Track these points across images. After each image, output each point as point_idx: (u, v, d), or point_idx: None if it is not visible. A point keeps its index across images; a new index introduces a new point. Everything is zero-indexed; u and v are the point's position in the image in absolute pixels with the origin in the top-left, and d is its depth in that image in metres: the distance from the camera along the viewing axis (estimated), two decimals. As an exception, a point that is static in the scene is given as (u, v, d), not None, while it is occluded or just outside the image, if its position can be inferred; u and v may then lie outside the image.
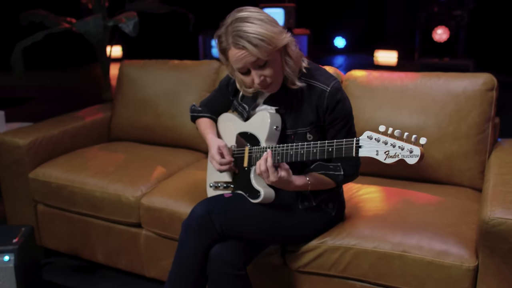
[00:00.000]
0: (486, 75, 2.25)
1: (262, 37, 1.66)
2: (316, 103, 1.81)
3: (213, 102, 2.17)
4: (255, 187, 1.86)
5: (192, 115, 2.20)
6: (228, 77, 2.07)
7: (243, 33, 1.66)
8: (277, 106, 1.88)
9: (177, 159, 2.68)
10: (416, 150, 1.36)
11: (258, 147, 1.85)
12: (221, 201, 1.86)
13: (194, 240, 1.82)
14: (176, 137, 2.85)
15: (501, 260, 1.70)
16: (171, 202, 2.26)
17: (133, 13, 3.01)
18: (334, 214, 1.96)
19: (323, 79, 1.82)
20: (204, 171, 2.47)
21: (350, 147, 1.53)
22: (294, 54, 1.78)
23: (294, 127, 1.86)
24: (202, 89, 2.80)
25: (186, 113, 2.79)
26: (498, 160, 2.12)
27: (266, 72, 1.73)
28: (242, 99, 1.99)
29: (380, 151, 1.43)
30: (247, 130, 1.94)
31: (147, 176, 2.48)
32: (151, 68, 2.97)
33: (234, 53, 1.70)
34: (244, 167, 1.92)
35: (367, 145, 1.46)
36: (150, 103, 2.90)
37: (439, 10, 6.23)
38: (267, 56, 1.69)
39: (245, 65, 1.71)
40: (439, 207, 2.04)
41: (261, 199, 1.83)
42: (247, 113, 1.96)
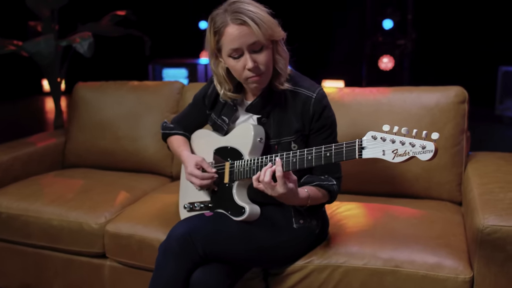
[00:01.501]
0: (457, 88, 2.26)
1: (263, 18, 1.60)
2: (301, 110, 1.73)
3: (186, 118, 2.04)
4: (238, 203, 1.73)
5: (163, 132, 2.06)
6: (204, 90, 1.95)
7: (245, 11, 1.59)
8: (259, 114, 1.78)
9: (141, 184, 2.51)
10: (429, 145, 1.28)
11: (241, 161, 1.74)
12: (202, 220, 1.72)
13: (175, 264, 1.66)
14: (138, 161, 2.68)
15: (498, 269, 1.65)
16: (140, 228, 2.09)
17: (87, 33, 2.86)
18: (318, 231, 1.86)
19: (307, 86, 1.75)
20: (173, 194, 2.33)
21: (352, 149, 1.43)
22: (285, 55, 1.72)
23: (277, 137, 1.76)
24: (165, 110, 2.67)
25: (149, 136, 2.66)
26: (476, 171, 2.11)
27: (261, 58, 1.64)
28: (221, 112, 1.87)
29: (387, 151, 1.34)
30: (226, 144, 1.82)
31: (111, 202, 2.30)
32: (109, 89, 2.81)
33: (233, 30, 1.60)
34: (225, 183, 1.79)
35: (371, 146, 1.38)
36: (109, 126, 2.73)
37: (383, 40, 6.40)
38: (265, 39, 1.61)
39: (242, 45, 1.61)
40: (423, 220, 1.99)
41: (246, 216, 1.71)
42: (227, 125, 1.85)
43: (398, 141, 1.33)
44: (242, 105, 1.84)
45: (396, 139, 1.33)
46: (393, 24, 6.14)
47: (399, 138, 1.33)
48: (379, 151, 1.36)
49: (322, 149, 1.51)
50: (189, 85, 2.70)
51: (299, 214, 1.78)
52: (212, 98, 1.90)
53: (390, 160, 1.34)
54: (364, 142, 1.40)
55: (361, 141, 1.41)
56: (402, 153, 1.31)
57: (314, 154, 1.53)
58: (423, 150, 1.28)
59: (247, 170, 1.71)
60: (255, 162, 1.68)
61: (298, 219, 1.78)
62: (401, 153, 1.31)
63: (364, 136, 1.41)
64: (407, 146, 1.31)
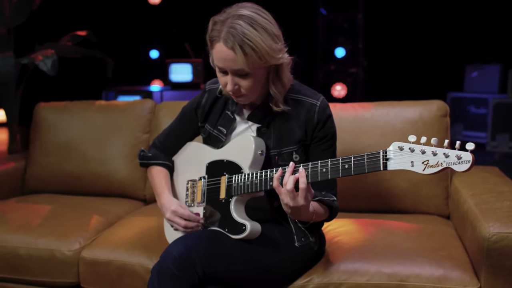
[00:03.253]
0: (439, 102, 2.26)
1: (255, 47, 1.48)
2: (305, 118, 1.65)
3: (173, 136, 1.90)
4: (237, 220, 1.62)
5: (141, 162, 1.91)
6: (197, 100, 1.82)
7: (239, 34, 1.47)
8: (260, 123, 1.69)
9: (114, 208, 2.34)
10: (466, 155, 1.21)
11: (241, 175, 1.63)
12: (200, 238, 1.59)
13: (171, 287, 1.51)
14: (108, 184, 2.51)
15: (506, 279, 1.62)
16: (121, 253, 1.92)
17: (50, 50, 2.70)
18: (316, 248, 1.77)
19: (310, 94, 1.68)
20: (150, 217, 2.19)
21: (375, 161, 1.34)
22: (286, 77, 1.62)
23: (278, 147, 1.67)
24: (137, 130, 2.53)
25: (119, 157, 2.51)
26: (464, 184, 2.09)
27: (244, 83, 1.56)
28: (216, 122, 1.76)
29: (417, 162, 1.27)
30: (222, 157, 1.71)
31: (83, 227, 2.12)
32: (74, 110, 2.64)
33: (221, 49, 1.51)
34: (221, 199, 1.68)
35: (398, 157, 1.30)
36: (75, 148, 2.55)
37: (336, 68, 6.51)
38: (252, 69, 1.52)
39: (226, 68, 1.54)
40: (420, 233, 1.94)
41: (246, 234, 1.59)
42: (225, 136, 1.74)
43: (429, 152, 1.26)
44: (241, 114, 1.74)
45: (427, 150, 1.26)
46: (345, 53, 6.26)
47: (431, 148, 1.26)
48: (406, 163, 1.29)
49: (340, 161, 1.42)
50: (162, 104, 2.58)
51: (300, 231, 1.69)
52: (207, 109, 1.79)
53: (420, 171, 1.27)
54: (389, 153, 1.32)
55: (386, 152, 1.33)
56: (434, 164, 1.24)
57: (330, 167, 1.44)
58: (458, 160, 1.22)
59: (248, 185, 1.60)
60: (258, 176, 1.58)
61: (300, 236, 1.69)
62: (433, 164, 1.24)
63: (388, 147, 1.33)
64: (440, 157, 1.24)
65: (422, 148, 1.27)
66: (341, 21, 6.32)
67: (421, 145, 1.28)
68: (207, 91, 1.80)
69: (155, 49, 6.49)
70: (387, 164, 1.32)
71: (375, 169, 1.34)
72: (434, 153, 1.25)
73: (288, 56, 1.59)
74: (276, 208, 1.72)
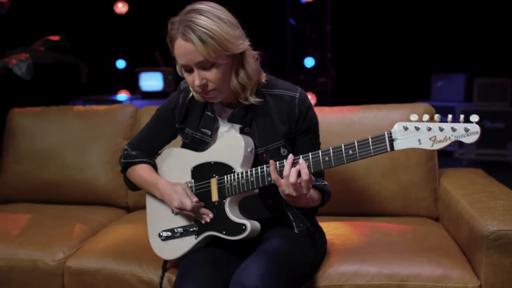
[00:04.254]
0: (425, 104, 2.28)
1: (213, 35, 1.47)
2: (286, 111, 1.63)
3: (148, 139, 1.81)
4: (235, 221, 1.57)
5: (126, 161, 1.80)
6: (173, 100, 1.75)
7: (194, 25, 1.47)
8: (241, 123, 1.65)
9: (96, 216, 2.25)
10: (473, 127, 1.24)
11: (232, 175, 1.58)
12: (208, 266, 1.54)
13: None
14: (88, 192, 2.42)
15: (506, 276, 1.63)
16: (109, 261, 1.84)
17: (25, 54, 2.59)
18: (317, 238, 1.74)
19: (288, 87, 1.67)
20: (136, 224, 2.12)
21: (381, 143, 1.35)
22: (251, 67, 1.57)
23: (264, 145, 1.64)
24: (118, 136, 2.45)
25: (100, 164, 2.42)
26: (453, 185, 2.11)
27: (210, 75, 1.52)
28: (198, 124, 1.70)
29: (424, 139, 1.29)
30: (208, 160, 1.66)
31: (67, 235, 2.02)
32: (51, 115, 2.54)
33: (180, 45, 1.50)
34: (213, 202, 1.63)
35: (404, 137, 1.31)
36: (52, 155, 2.45)
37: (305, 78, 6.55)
38: (214, 57, 1.49)
39: (189, 63, 1.51)
40: (415, 234, 1.93)
41: (247, 233, 1.55)
42: (210, 138, 1.68)
43: (436, 128, 1.28)
44: (222, 114, 1.69)
45: (433, 126, 1.28)
46: (314, 63, 6.31)
47: (437, 124, 1.28)
48: (414, 141, 1.30)
49: (343, 147, 1.41)
50: (144, 109, 2.51)
51: (298, 217, 1.65)
52: (184, 109, 1.72)
53: (428, 147, 1.29)
54: (394, 133, 1.33)
55: (391, 133, 1.34)
56: (441, 139, 1.26)
57: (333, 154, 1.43)
58: (466, 133, 1.24)
59: (243, 183, 1.56)
60: (254, 173, 1.54)
61: (299, 223, 1.65)
62: (441, 139, 1.26)
63: (392, 128, 1.34)
64: (447, 131, 1.26)
65: (427, 125, 1.29)
66: (309, 31, 6.37)
67: (426, 122, 1.29)
68: (182, 90, 1.73)
69: (122, 59, 6.39)
70: (393, 144, 1.33)
71: (382, 151, 1.35)
72: (441, 129, 1.27)
73: (250, 45, 1.57)
74: (270, 206, 1.68)
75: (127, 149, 1.83)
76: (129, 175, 1.81)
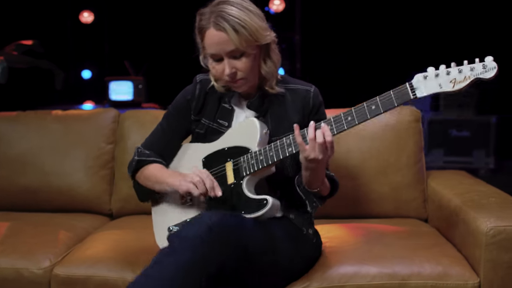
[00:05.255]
0: (411, 108, 2.31)
1: (245, 25, 1.52)
2: (301, 103, 1.69)
3: (163, 134, 1.77)
4: (254, 197, 1.57)
5: (139, 159, 1.74)
6: (190, 92, 1.74)
7: (227, 15, 1.52)
8: (257, 111, 1.68)
9: (80, 223, 2.16)
10: (490, 62, 1.31)
11: (249, 154, 1.59)
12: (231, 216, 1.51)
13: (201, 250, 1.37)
14: (70, 199, 2.32)
15: (504, 272, 1.64)
16: (100, 268, 1.76)
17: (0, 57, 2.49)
18: (315, 241, 1.75)
19: (302, 83, 1.74)
20: (125, 230, 2.05)
21: (403, 92, 1.39)
22: (276, 57, 1.65)
23: (277, 134, 1.65)
24: (100, 141, 2.37)
25: (82, 169, 2.34)
26: (442, 186, 2.13)
27: (240, 64, 1.57)
28: (215, 115, 1.71)
29: (444, 83, 1.35)
30: (221, 147, 1.66)
31: (51, 243, 1.93)
32: (28, 120, 2.44)
33: (212, 34, 1.54)
34: (229, 184, 1.61)
35: (424, 85, 1.37)
36: (31, 161, 2.35)
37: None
38: (246, 46, 1.54)
39: (220, 52, 1.55)
40: (409, 234, 1.94)
41: (268, 207, 1.53)
42: (226, 129, 1.69)
43: (454, 71, 1.34)
44: (238, 103, 1.72)
45: (452, 70, 1.34)
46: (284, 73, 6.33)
47: (455, 68, 1.34)
48: (435, 86, 1.35)
49: (365, 104, 1.45)
50: (127, 113, 2.44)
51: (310, 197, 1.64)
52: (201, 101, 1.72)
53: (450, 89, 1.34)
54: (415, 83, 1.38)
55: (412, 83, 1.38)
56: (461, 79, 1.32)
57: (355, 112, 1.46)
58: (484, 69, 1.30)
59: (262, 159, 1.57)
60: (273, 147, 1.56)
61: (312, 201, 1.65)
62: (461, 79, 1.32)
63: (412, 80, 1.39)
64: (466, 72, 1.32)
65: (446, 70, 1.36)
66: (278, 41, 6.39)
67: (445, 68, 1.35)
68: (198, 82, 1.74)
69: (87, 69, 6.26)
70: (415, 92, 1.38)
71: (405, 100, 1.40)
72: (460, 70, 1.34)
73: (275, 35, 1.64)
74: (279, 197, 1.66)
75: (140, 148, 1.79)
76: (140, 174, 1.74)
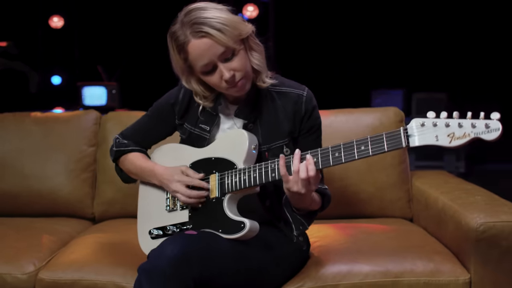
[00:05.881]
0: (394, 108, 2.33)
1: (225, 21, 1.45)
2: (293, 109, 1.61)
3: (143, 131, 1.75)
4: (234, 218, 1.51)
5: (117, 150, 1.73)
6: (174, 95, 1.69)
7: (203, 19, 1.44)
8: (246, 119, 1.61)
9: (63, 227, 2.11)
10: (494, 123, 1.20)
11: (234, 171, 1.53)
12: (195, 238, 1.47)
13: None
14: (50, 203, 2.26)
15: (494, 267, 1.66)
16: (88, 272, 1.72)
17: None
18: (305, 248, 1.72)
19: (294, 85, 1.65)
20: (107, 234, 2.01)
21: (395, 138, 1.29)
22: (259, 48, 1.56)
23: (267, 142, 1.60)
24: (82, 143, 2.33)
25: (63, 173, 2.29)
26: (427, 185, 2.15)
27: (234, 64, 1.48)
28: (197, 120, 1.65)
29: (441, 136, 1.24)
30: (209, 155, 1.60)
31: (35, 247, 1.88)
32: (6, 122, 2.38)
33: (196, 45, 1.45)
34: (211, 198, 1.56)
35: (420, 133, 1.26)
36: (9, 164, 2.28)
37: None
38: (233, 43, 1.46)
39: (211, 58, 1.46)
40: (398, 233, 1.95)
41: (245, 232, 1.48)
42: (208, 134, 1.64)
43: (454, 125, 1.22)
44: (225, 111, 1.65)
45: (452, 123, 1.23)
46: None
47: (456, 121, 1.23)
48: (431, 137, 1.25)
49: (354, 143, 1.37)
50: (109, 115, 2.40)
51: (297, 220, 1.60)
52: (185, 105, 1.67)
53: (446, 145, 1.23)
54: (410, 129, 1.28)
55: (406, 129, 1.28)
56: (460, 135, 1.22)
57: (344, 150, 1.38)
58: (487, 129, 1.20)
59: (245, 179, 1.51)
60: (257, 168, 1.49)
61: (298, 225, 1.60)
62: (459, 136, 1.22)
63: (408, 124, 1.30)
64: (467, 128, 1.21)
65: (446, 121, 1.24)
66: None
67: (444, 119, 1.25)
68: (183, 86, 1.67)
69: (57, 75, 6.14)
70: (409, 140, 1.28)
71: (397, 147, 1.29)
72: (460, 125, 1.22)
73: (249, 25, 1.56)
74: (268, 207, 1.64)
75: (118, 137, 1.76)
76: (122, 164, 1.73)
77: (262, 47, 1.58)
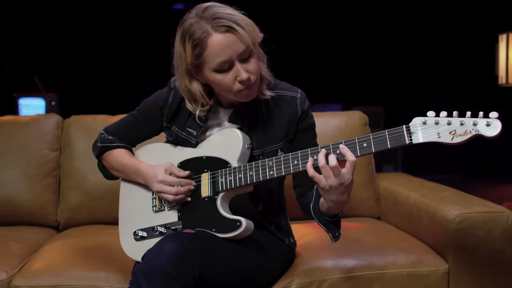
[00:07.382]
0: (358, 112, 2.42)
1: (246, 21, 1.41)
2: (287, 112, 1.59)
3: (127, 129, 1.70)
4: (229, 217, 1.49)
5: (102, 145, 1.66)
6: (163, 97, 1.63)
7: (226, 15, 1.38)
8: (240, 124, 1.58)
9: (28, 235, 2.01)
10: (494, 121, 1.23)
11: (227, 169, 1.51)
12: (194, 236, 1.43)
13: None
14: (9, 210, 2.13)
15: (469, 257, 1.74)
16: (67, 277, 1.64)
17: None
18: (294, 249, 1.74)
19: (287, 87, 1.63)
20: (79, 239, 1.92)
21: (398, 135, 1.30)
22: (262, 56, 1.53)
23: (262, 147, 1.58)
24: (44, 148, 2.22)
25: (23, 178, 2.19)
26: (395, 185, 2.24)
27: (250, 66, 1.43)
28: (185, 124, 1.60)
29: (443, 133, 1.27)
30: (200, 154, 1.57)
31: (4, 254, 1.77)
32: (-39, 126, 2.22)
33: (218, 39, 1.37)
34: (203, 197, 1.53)
35: (422, 131, 1.29)
36: (-36, 170, 2.13)
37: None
38: (253, 43, 1.42)
39: (231, 56, 1.39)
40: (373, 230, 2.01)
41: (241, 230, 1.46)
42: (195, 138, 1.59)
43: (456, 123, 1.26)
44: (215, 116, 1.60)
45: (453, 121, 1.26)
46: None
47: (457, 119, 1.26)
48: (433, 135, 1.27)
49: (356, 140, 1.35)
50: (72, 118, 2.30)
51: (332, 228, 1.52)
52: (174, 108, 1.61)
53: (448, 141, 1.26)
54: (412, 127, 1.30)
55: (409, 127, 1.30)
56: (461, 133, 1.25)
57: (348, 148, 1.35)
58: (487, 127, 1.24)
59: (241, 177, 1.48)
60: (254, 166, 1.47)
61: (334, 232, 1.51)
62: (461, 133, 1.25)
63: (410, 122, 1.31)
64: (468, 126, 1.25)
65: (447, 119, 1.27)
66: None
67: (446, 117, 1.28)
68: (173, 88, 1.62)
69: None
70: (412, 137, 1.30)
71: (400, 143, 1.31)
72: (462, 123, 1.26)
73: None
74: (260, 211, 1.63)
75: (103, 133, 1.69)
76: (105, 160, 1.67)
77: (265, 57, 1.54)
